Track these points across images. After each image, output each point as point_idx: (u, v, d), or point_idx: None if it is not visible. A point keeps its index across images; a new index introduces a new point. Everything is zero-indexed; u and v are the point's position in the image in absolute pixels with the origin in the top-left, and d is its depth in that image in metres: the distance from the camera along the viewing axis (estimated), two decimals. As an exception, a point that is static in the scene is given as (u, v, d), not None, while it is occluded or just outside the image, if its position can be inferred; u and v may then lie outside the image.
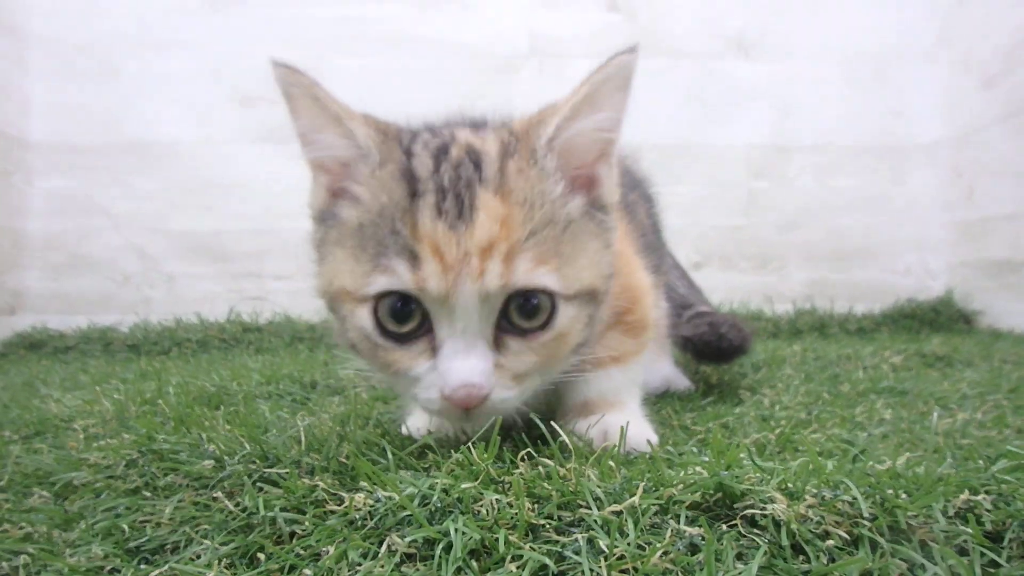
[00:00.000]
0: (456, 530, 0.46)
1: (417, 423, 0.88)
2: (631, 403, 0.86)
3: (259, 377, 1.39)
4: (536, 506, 0.50)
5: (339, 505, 0.53)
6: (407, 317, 0.60)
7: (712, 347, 1.20)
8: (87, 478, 0.66)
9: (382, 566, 0.45)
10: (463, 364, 0.58)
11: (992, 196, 2.48)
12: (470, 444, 0.58)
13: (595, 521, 0.48)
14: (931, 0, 2.68)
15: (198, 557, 0.49)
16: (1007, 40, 2.36)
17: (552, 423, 0.67)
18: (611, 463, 0.57)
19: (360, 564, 0.46)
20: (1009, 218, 2.40)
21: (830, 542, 0.49)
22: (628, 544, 0.46)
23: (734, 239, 2.73)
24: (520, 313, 0.60)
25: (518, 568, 0.44)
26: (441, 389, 0.59)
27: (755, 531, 0.50)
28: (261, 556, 0.48)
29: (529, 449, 0.61)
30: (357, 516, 0.51)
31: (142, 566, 0.50)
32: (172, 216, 2.56)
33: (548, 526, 0.49)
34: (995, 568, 0.50)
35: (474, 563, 0.45)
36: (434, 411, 0.63)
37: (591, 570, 0.44)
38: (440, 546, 0.46)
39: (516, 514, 0.48)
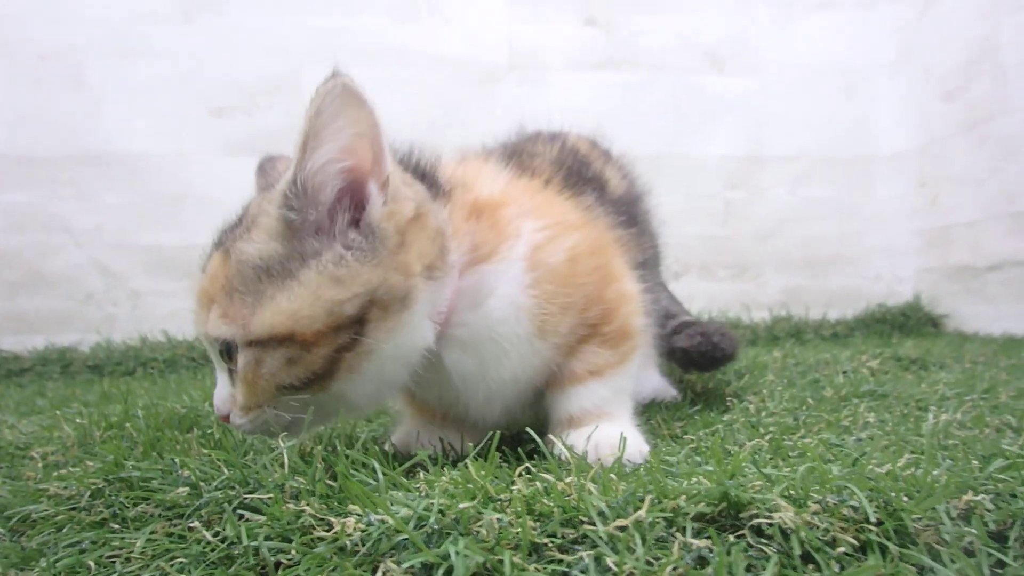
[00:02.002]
0: (457, 553, 0.43)
1: (403, 438, 0.85)
2: (621, 413, 0.84)
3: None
4: (538, 524, 0.48)
5: (328, 531, 0.50)
6: None
7: (707, 356, 1.21)
8: (47, 511, 0.62)
9: (378, 594, 0.42)
10: (216, 391, 0.71)
11: (954, 204, 2.57)
12: (467, 461, 0.56)
13: (600, 537, 0.46)
14: (893, 16, 2.77)
15: (175, 593, 0.46)
16: (965, 55, 2.45)
17: (549, 436, 0.65)
18: (612, 476, 0.55)
19: (354, 593, 0.43)
20: (970, 225, 2.48)
21: (840, 549, 0.48)
22: (636, 560, 0.44)
23: (712, 248, 2.77)
24: (225, 354, 0.70)
25: (524, 591, 0.41)
26: None
27: (763, 541, 0.48)
28: (245, 589, 0.45)
29: (527, 464, 0.59)
30: (348, 542, 0.48)
31: (113, 604, 0.46)
32: (138, 231, 2.48)
33: (551, 545, 0.47)
34: (1001, 568, 0.49)
35: (476, 588, 0.42)
36: None
37: (599, 590, 0.42)
38: (440, 571, 0.43)
39: (518, 533, 0.46)
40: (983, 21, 2.35)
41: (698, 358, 1.22)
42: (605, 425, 0.80)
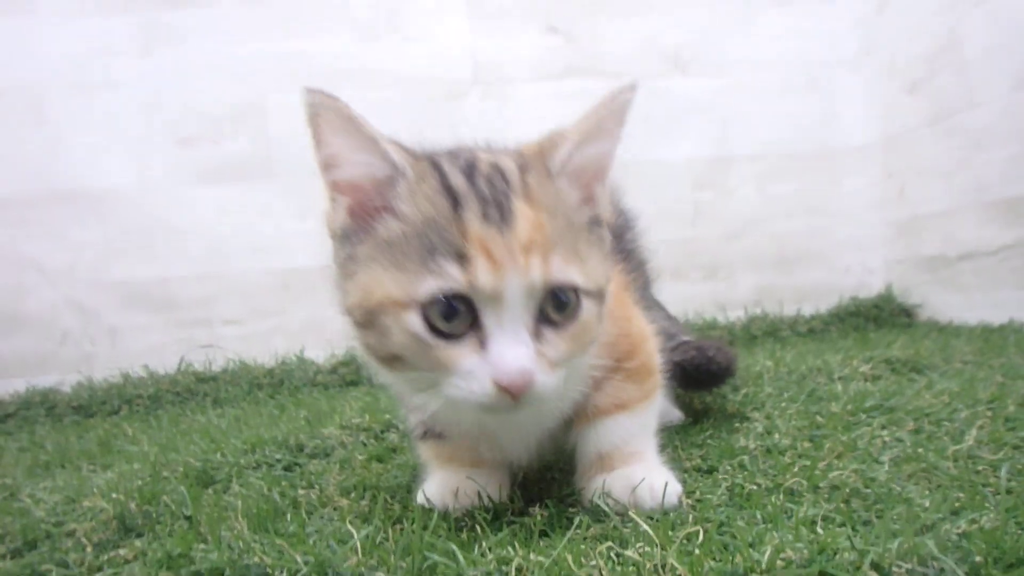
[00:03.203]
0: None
1: (439, 492, 0.85)
2: (649, 453, 0.86)
3: (241, 444, 1.32)
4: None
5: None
6: (456, 315, 0.67)
7: (703, 371, 1.20)
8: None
9: None
10: (515, 351, 0.66)
11: (922, 195, 2.62)
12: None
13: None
14: (853, 9, 2.81)
15: None
16: (928, 47, 2.50)
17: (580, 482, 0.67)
18: (697, 551, 0.56)
19: None
20: (939, 215, 2.54)
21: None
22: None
23: (683, 251, 2.79)
24: (553, 306, 0.69)
25: None
26: (494, 377, 0.66)
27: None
28: None
29: (608, 544, 0.59)
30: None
31: None
32: (111, 266, 2.42)
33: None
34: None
35: None
36: (481, 404, 0.68)
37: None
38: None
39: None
40: (946, 13, 2.39)
41: (694, 373, 1.20)
42: (637, 467, 0.82)
